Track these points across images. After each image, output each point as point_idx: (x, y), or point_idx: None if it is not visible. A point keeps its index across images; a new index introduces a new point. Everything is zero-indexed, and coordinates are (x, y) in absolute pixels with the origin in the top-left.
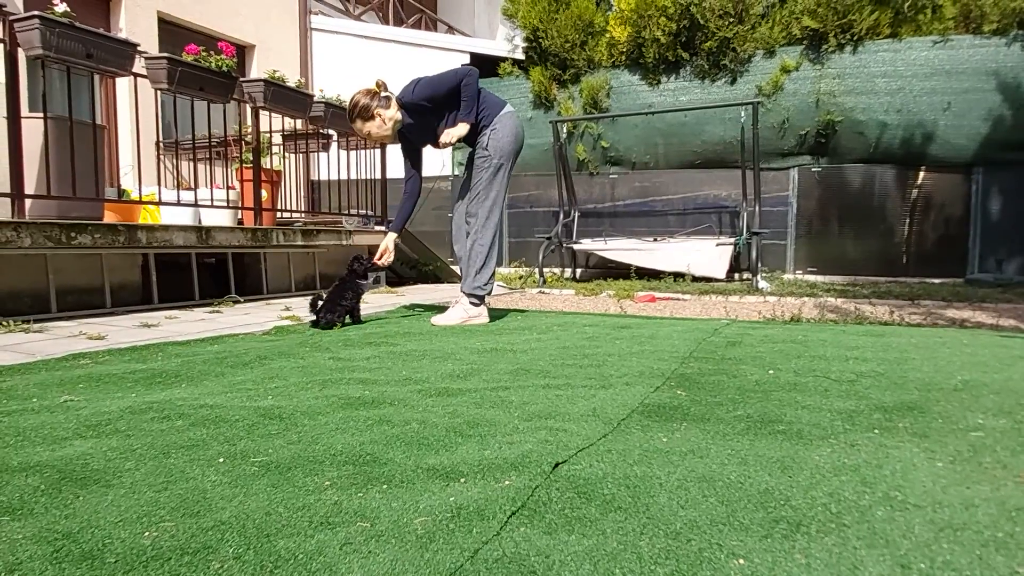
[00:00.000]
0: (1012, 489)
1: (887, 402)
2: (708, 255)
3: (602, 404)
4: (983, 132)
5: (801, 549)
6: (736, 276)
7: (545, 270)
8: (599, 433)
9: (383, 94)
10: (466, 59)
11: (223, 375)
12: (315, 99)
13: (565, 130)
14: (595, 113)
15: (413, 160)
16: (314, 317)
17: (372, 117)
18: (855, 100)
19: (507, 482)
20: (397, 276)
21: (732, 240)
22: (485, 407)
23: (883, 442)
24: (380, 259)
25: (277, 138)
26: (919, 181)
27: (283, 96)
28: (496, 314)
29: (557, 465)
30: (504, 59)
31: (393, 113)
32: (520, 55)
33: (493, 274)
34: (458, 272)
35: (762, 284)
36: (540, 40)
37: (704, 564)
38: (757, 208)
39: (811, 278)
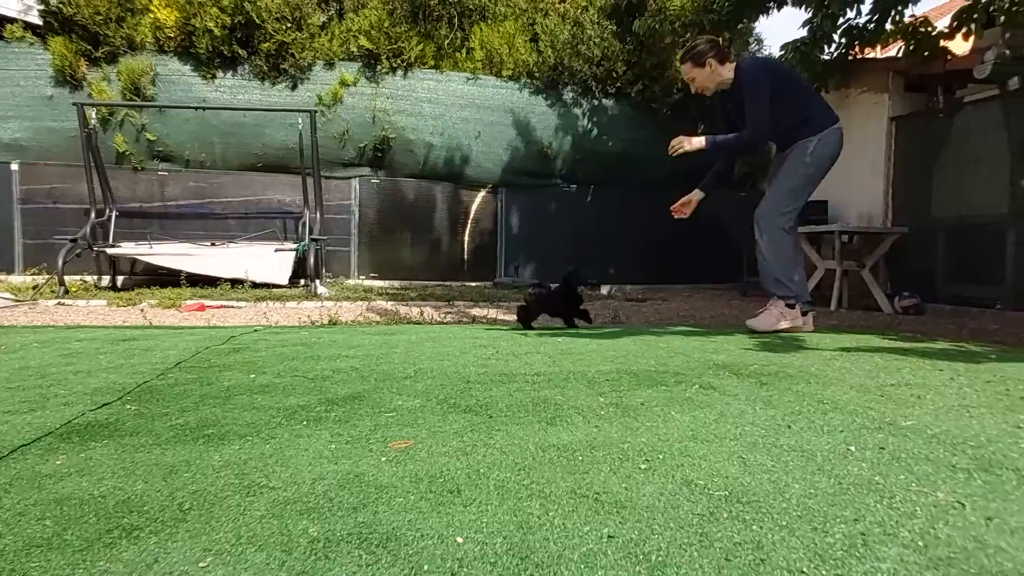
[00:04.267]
0: (370, 460)
1: (339, 395)
2: (268, 261)
3: (7, 430)
4: (504, 159)
5: (115, 555)
6: (302, 282)
7: (75, 278)
8: None
9: (725, 48)
10: None
11: None
12: None
13: (96, 115)
14: (137, 100)
15: (729, 129)
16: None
17: (703, 65)
18: (406, 120)
19: None
20: None
21: (293, 246)
22: None
23: (301, 433)
24: (676, 210)
25: None
26: (461, 197)
27: None
28: None
29: None
30: (15, 20)
31: (725, 72)
32: (37, 19)
33: (800, 277)
34: None
35: (321, 290)
36: (63, 6)
37: None
38: (319, 215)
39: (371, 283)
